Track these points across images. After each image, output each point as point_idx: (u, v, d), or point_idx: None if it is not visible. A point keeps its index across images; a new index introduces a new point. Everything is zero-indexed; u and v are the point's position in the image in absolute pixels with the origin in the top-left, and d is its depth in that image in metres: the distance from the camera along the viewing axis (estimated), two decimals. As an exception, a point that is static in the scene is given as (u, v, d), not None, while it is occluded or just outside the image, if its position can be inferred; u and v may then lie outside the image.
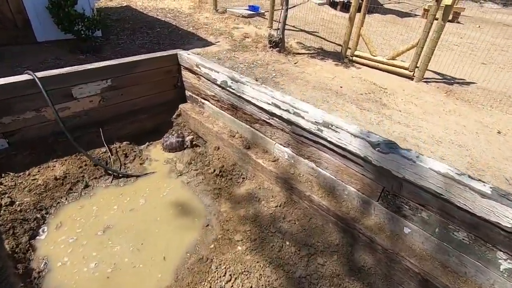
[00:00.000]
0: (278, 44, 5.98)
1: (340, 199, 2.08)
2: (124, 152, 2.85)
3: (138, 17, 7.46)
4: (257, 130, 2.58)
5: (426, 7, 11.64)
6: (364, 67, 5.94)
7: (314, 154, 2.17)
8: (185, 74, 3.19)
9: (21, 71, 4.06)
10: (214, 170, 2.66)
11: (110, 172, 2.58)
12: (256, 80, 3.36)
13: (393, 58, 5.49)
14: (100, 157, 2.71)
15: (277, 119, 2.32)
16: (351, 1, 10.15)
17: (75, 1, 4.78)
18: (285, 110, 2.18)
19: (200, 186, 2.56)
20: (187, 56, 3.02)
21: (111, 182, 2.56)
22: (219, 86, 2.73)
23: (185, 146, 3.02)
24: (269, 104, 2.29)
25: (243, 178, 2.58)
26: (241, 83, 2.48)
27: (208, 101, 3.03)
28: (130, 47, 5.42)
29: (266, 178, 2.48)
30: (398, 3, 15.25)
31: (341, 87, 4.84)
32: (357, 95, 4.58)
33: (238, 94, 2.54)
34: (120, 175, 2.61)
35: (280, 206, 2.26)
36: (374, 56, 5.72)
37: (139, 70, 2.92)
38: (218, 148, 2.90)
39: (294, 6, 9.65)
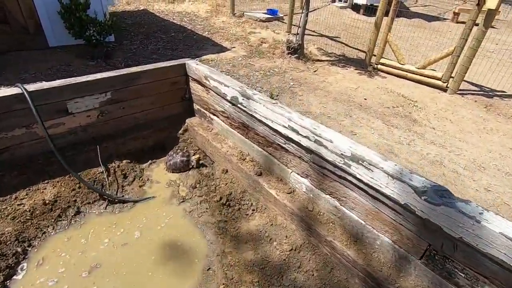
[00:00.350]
0: (297, 50, 5.62)
1: (370, 250, 1.69)
2: (123, 172, 2.58)
3: (154, 21, 7.32)
4: (270, 154, 2.24)
5: (456, 11, 10.92)
6: (390, 76, 5.46)
7: (338, 190, 1.79)
8: (194, 86, 2.90)
9: (27, 77, 3.93)
10: (221, 198, 2.33)
11: (105, 196, 2.31)
12: (272, 97, 3.02)
13: (424, 67, 4.99)
14: (96, 178, 2.45)
15: (294, 145, 1.97)
16: (375, 4, 9.64)
17: (87, 6, 4.63)
18: (305, 137, 1.83)
19: (203, 217, 2.24)
20: (196, 67, 2.72)
21: (106, 208, 2.29)
22: (229, 102, 2.41)
23: (190, 167, 2.72)
24: (285, 127, 1.94)
25: (253, 210, 2.24)
26: (253, 100, 2.15)
27: (217, 117, 2.71)
28: (142, 53, 5.22)
29: (279, 212, 2.12)
30: (425, 6, 14.49)
31: (365, 99, 4.41)
32: (383, 109, 4.14)
33: (250, 113, 2.21)
34: (116, 200, 2.34)
35: (295, 250, 1.89)
36: (402, 64, 5.24)
37: (142, 82, 2.65)
38: (226, 171, 2.57)
39: (314, 10, 9.25)
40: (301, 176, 2.03)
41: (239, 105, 2.30)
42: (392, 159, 2.99)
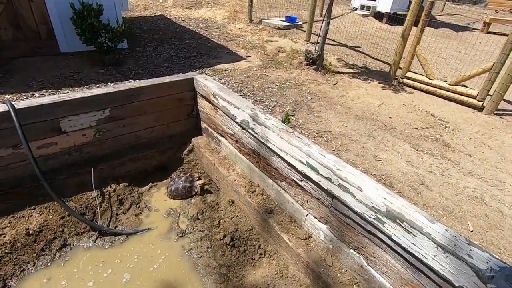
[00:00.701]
0: (315, 61, 5.29)
1: (406, 330, 1.33)
2: (119, 198, 2.33)
3: (169, 27, 7.19)
4: (284, 189, 1.92)
5: (488, 20, 10.28)
6: (417, 91, 5.03)
7: (366, 247, 1.45)
8: (201, 103, 2.63)
9: (34, 84, 3.79)
10: (224, 236, 2.03)
11: (95, 228, 2.06)
12: (287, 118, 2.72)
13: (457, 84, 4.54)
14: (88, 204, 2.21)
15: (312, 184, 1.65)
16: (399, 12, 9.18)
17: (100, 12, 4.50)
18: (326, 178, 1.51)
19: (203, 258, 1.94)
20: (204, 83, 2.45)
21: (95, 241, 2.03)
22: (239, 125, 2.12)
23: (193, 193, 2.44)
24: (302, 163, 1.63)
25: (261, 254, 1.92)
26: (266, 127, 1.85)
27: (226, 139, 2.43)
28: (154, 61, 5.04)
29: (291, 261, 1.80)
30: (452, 15, 13.83)
31: (390, 117, 4.02)
32: (411, 130, 3.74)
33: (262, 141, 1.91)
34: (108, 232, 2.08)
35: (309, 315, 1.56)
36: (432, 79, 4.81)
37: (144, 98, 2.40)
38: (233, 203, 2.27)
39: (334, 18, 8.90)
40: (319, 221, 1.70)
41: (249, 130, 2.01)
42: (424, 193, 2.61)
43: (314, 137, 3.31)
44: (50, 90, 3.69)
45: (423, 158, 3.16)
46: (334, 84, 4.95)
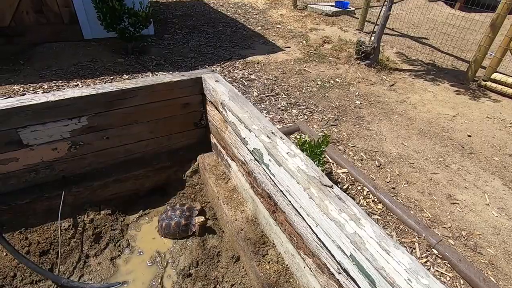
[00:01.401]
0: (369, 55, 4.32)
1: None
2: (95, 231, 1.81)
3: (204, 13, 6.62)
4: (309, 269, 1.21)
5: None
6: (505, 98, 3.83)
7: None
8: (211, 111, 1.99)
9: (47, 74, 3.47)
10: (217, 316, 1.39)
11: (52, 279, 1.55)
12: (325, 141, 1.95)
13: None
14: (55, 238, 1.72)
15: (353, 284, 0.91)
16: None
17: (123, -7, 4.03)
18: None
19: None
20: (213, 86, 1.79)
21: (51, 296, 1.53)
22: (251, 153, 1.43)
23: (190, 233, 1.84)
24: (343, 252, 0.90)
25: None
26: (287, 170, 1.14)
27: (236, 165, 1.76)
28: (180, 50, 4.51)
29: None
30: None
31: (469, 135, 3.00)
32: (501, 157, 2.71)
33: (280, 188, 1.20)
34: (68, 285, 1.57)
35: None
36: (530, 84, 3.59)
37: (135, 103, 1.82)
38: (237, 260, 1.62)
39: (396, 2, 7.56)
40: None
41: (263, 167, 1.31)
42: (534, 271, 1.69)
43: (362, 160, 2.49)
44: (60, 81, 3.33)
45: (525, 205, 2.17)
46: (391, 85, 3.97)
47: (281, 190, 1.21)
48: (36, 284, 1.57)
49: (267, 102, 3.27)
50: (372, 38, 4.31)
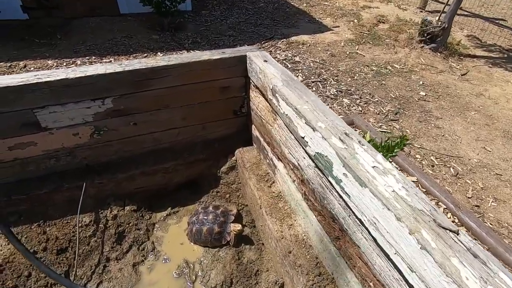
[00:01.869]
0: (436, 38, 3.66)
1: None
2: (118, 230, 1.59)
3: (245, -12, 6.16)
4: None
5: None
6: None
7: None
8: (255, 97, 1.64)
9: (81, 50, 3.32)
10: None
11: (66, 285, 1.36)
12: (397, 144, 1.53)
13: None
14: (73, 233, 1.52)
15: None
16: None
17: (161, -37, 3.73)
18: None
19: None
20: (260, 66, 1.43)
21: (65, 304, 1.34)
22: (311, 158, 1.08)
23: (223, 242, 1.55)
24: None
25: None
26: (377, 197, 0.76)
27: (285, 167, 1.41)
28: (218, 27, 4.17)
29: None
30: None
31: None
32: None
33: (360, 218, 0.84)
34: (84, 291, 1.36)
35: None
36: None
37: (167, 84, 1.53)
38: (282, 286, 1.30)
39: (464, -23, 6.52)
40: None
41: (331, 179, 0.95)
42: None
43: (433, 166, 2.02)
44: (94, 57, 3.16)
45: None
46: (463, 75, 3.33)
47: (359, 219, 0.85)
48: None
49: (314, 89, 2.85)
50: (442, 17, 3.63)
